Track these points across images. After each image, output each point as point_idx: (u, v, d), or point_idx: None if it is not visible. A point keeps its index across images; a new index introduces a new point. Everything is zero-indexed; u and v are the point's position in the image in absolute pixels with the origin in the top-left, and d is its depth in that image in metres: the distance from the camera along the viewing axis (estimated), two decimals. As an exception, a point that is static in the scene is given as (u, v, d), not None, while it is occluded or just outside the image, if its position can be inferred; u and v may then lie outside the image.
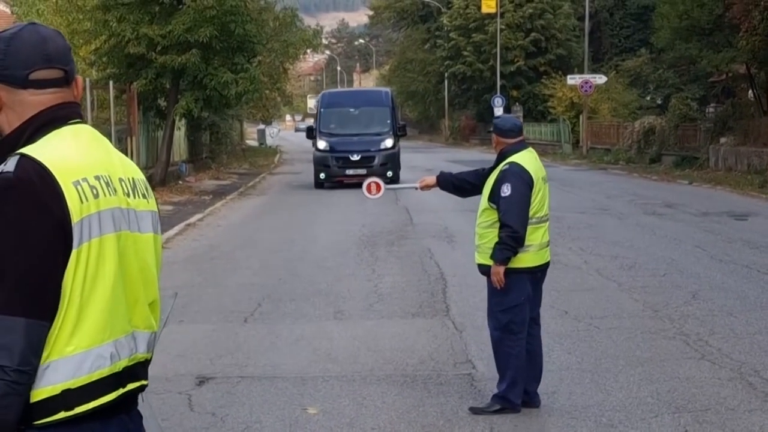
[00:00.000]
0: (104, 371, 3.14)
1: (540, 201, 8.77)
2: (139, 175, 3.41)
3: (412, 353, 10.90)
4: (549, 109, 65.90)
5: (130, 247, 3.25)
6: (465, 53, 78.94)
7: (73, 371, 3.07)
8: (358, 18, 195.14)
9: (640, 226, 22.56)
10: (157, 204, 3.46)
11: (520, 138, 8.95)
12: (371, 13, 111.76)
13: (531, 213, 8.68)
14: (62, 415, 3.06)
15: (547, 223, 8.93)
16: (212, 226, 24.70)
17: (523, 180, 8.64)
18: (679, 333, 11.71)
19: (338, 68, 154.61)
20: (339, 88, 49.70)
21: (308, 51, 48.31)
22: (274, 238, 21.15)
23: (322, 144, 36.10)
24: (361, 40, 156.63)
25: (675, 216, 24.90)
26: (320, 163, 35.84)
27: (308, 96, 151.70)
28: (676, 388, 9.42)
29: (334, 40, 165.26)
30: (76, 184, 3.07)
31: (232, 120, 59.05)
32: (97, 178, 3.15)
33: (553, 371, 10.02)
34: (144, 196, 3.37)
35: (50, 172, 3.03)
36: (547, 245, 8.92)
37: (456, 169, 10.95)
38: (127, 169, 3.34)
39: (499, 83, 72.94)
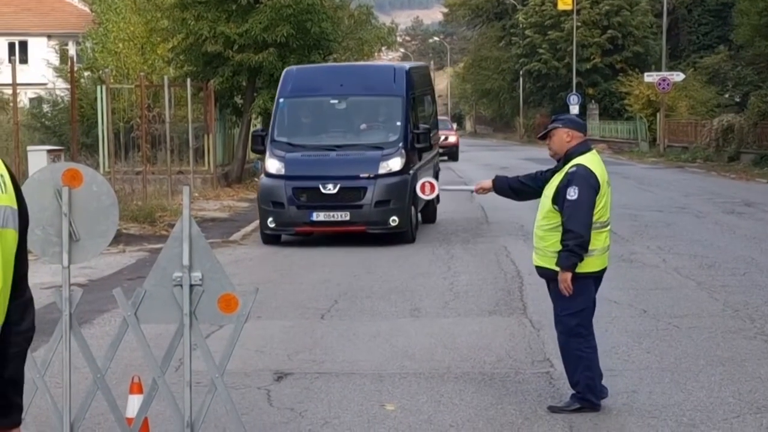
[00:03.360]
0: None
1: (604, 205, 8.65)
2: None
3: (489, 351, 10.86)
4: (625, 107, 65.38)
5: None
6: (540, 51, 78.57)
7: None
8: (433, 15, 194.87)
9: (719, 225, 22.31)
10: (17, 199, 3.52)
11: (586, 138, 8.87)
12: (446, 10, 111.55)
13: (595, 218, 8.55)
14: None
15: (610, 228, 8.81)
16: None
17: (590, 184, 8.52)
18: (759, 333, 11.56)
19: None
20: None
21: (383, 48, 48.30)
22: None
23: (273, 164, 20.03)
24: (436, 38, 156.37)
25: (755, 215, 24.59)
26: (267, 200, 19.97)
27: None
28: (757, 388, 9.30)
29: (408, 38, 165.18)
30: None
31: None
32: None
33: (632, 371, 9.93)
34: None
35: None
36: (608, 250, 8.80)
37: (533, 168, 10.89)
38: None
39: (574, 81, 72.52)
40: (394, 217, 19.30)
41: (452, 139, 53.42)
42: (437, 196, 20.93)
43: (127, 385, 7.68)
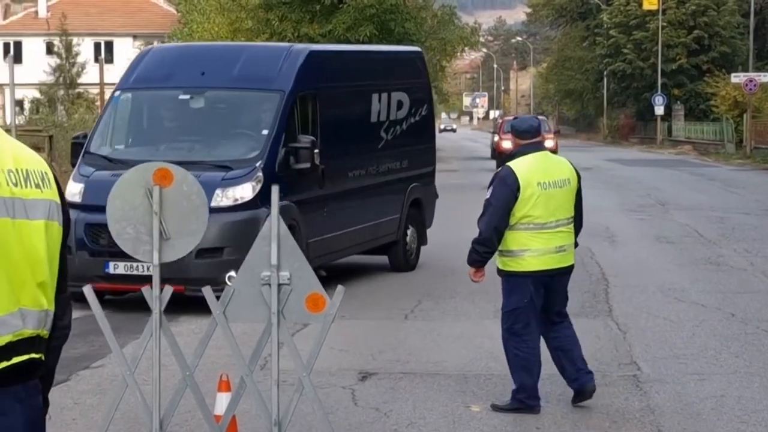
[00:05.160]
0: None
1: (540, 207, 8.61)
2: (37, 167, 3.60)
3: (575, 353, 10.78)
4: (711, 108, 64.60)
5: (11, 234, 3.46)
6: (625, 51, 77.93)
7: None
8: (516, 15, 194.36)
9: (808, 228, 21.98)
10: (58, 194, 3.64)
11: (536, 140, 8.88)
12: (529, 10, 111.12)
13: (527, 220, 8.58)
14: None
15: (558, 229, 8.71)
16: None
17: (506, 185, 8.60)
18: None
19: (495, 66, 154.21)
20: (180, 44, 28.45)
21: (465, 49, 48.26)
22: (433, 235, 21.14)
23: (72, 188, 14.00)
24: (519, 38, 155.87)
25: (844, 218, 24.20)
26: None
27: (464, 94, 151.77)
28: None
29: (490, 38, 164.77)
30: None
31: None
32: None
33: (720, 374, 9.82)
34: (38, 186, 3.56)
35: None
36: (558, 251, 8.73)
37: (617, 169, 10.78)
38: (20, 161, 3.55)
39: (660, 81, 71.83)
40: (232, 273, 12.08)
41: (549, 143, 47.11)
42: (424, 238, 17.29)
43: (214, 382, 7.75)
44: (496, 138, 43.42)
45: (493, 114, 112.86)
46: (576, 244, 9.05)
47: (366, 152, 15.90)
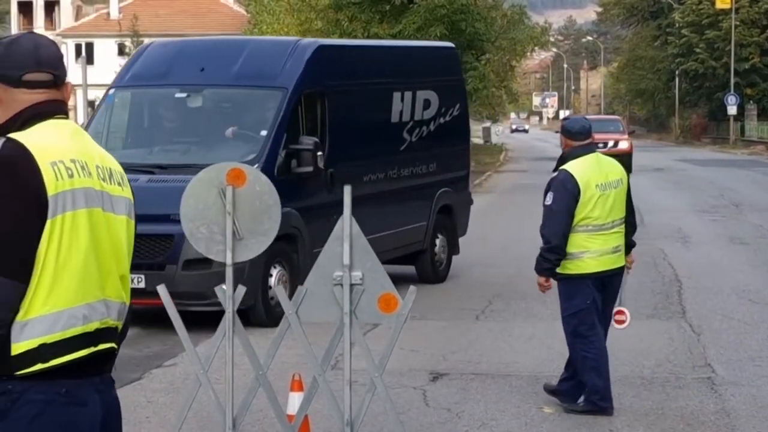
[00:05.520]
0: (77, 329, 3.51)
1: (599, 208, 8.62)
2: (117, 167, 3.79)
3: (648, 355, 10.69)
4: (785, 108, 63.80)
5: (102, 224, 3.63)
6: (697, 50, 77.17)
7: (48, 328, 3.45)
8: (586, 15, 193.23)
9: None
10: (132, 194, 3.82)
11: (588, 141, 8.85)
12: (600, 9, 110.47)
13: (587, 222, 8.59)
14: (39, 366, 3.44)
15: (614, 230, 8.74)
16: (441, 223, 24.79)
17: (566, 189, 8.57)
18: None
19: (565, 66, 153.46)
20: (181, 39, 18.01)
21: (535, 48, 48.08)
22: (501, 236, 21.09)
23: None
24: (589, 38, 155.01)
25: None
26: None
27: (533, 94, 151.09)
28: None
29: (560, 38, 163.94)
30: (53, 164, 3.49)
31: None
32: (72, 161, 3.56)
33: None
34: (119, 185, 3.75)
35: (30, 152, 3.46)
36: (614, 252, 8.75)
37: (690, 169, 10.67)
38: (104, 160, 3.74)
39: (732, 81, 71.05)
40: (224, 287, 10.83)
41: (624, 145, 41.25)
42: (456, 248, 16.14)
43: (284, 382, 7.76)
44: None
45: (563, 114, 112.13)
46: (633, 244, 9.09)
47: (385, 155, 14.81)
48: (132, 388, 9.77)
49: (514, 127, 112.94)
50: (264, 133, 12.84)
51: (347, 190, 6.82)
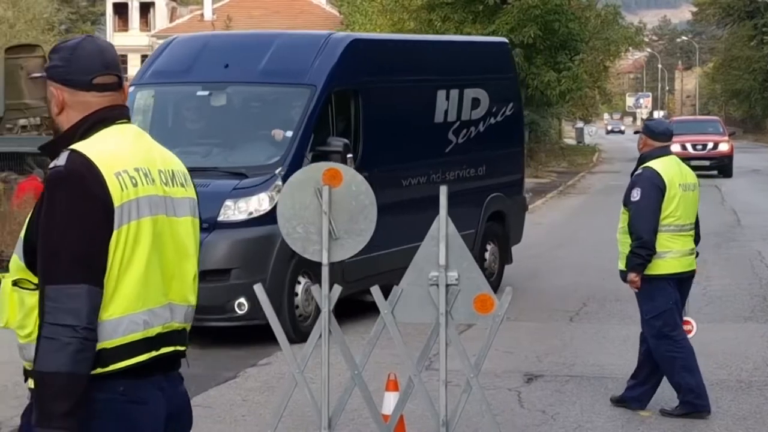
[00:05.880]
0: (137, 335, 3.60)
1: (681, 208, 8.65)
2: (179, 167, 3.86)
3: (746, 358, 10.55)
4: None
5: (166, 230, 3.70)
6: (794, 50, 75.94)
7: (109, 334, 3.54)
8: (681, 14, 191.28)
9: None
10: (195, 192, 3.90)
11: (669, 143, 8.89)
12: (695, 9, 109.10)
13: (670, 221, 8.58)
14: (98, 371, 3.52)
15: (690, 232, 8.79)
16: (533, 224, 24.60)
17: (654, 185, 8.56)
18: None
19: (659, 66, 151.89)
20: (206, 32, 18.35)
21: (629, 48, 47.66)
22: (596, 237, 20.91)
23: None
24: (684, 37, 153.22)
25: None
26: None
27: (627, 94, 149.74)
28: None
29: (655, 38, 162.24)
30: (118, 174, 3.57)
31: (552, 118, 58.88)
32: (136, 169, 3.64)
33: None
34: (182, 185, 3.82)
35: (95, 164, 3.54)
36: (691, 253, 8.79)
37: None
38: (166, 162, 3.81)
39: (830, 81, 69.77)
40: (242, 300, 11.19)
41: (724, 147, 38.60)
42: (508, 257, 15.13)
43: (378, 382, 7.77)
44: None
45: (657, 115, 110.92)
46: (697, 254, 9.05)
47: (427, 158, 13.71)
48: (227, 386, 9.86)
49: (609, 128, 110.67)
50: (289, 134, 11.98)
51: (443, 190, 6.84)
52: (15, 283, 3.60)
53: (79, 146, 3.60)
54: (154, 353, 3.66)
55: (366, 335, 10.70)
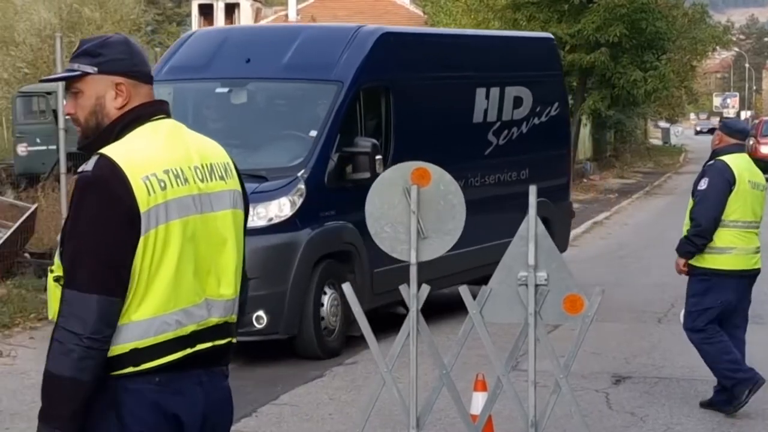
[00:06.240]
0: (169, 335, 3.63)
1: (748, 205, 8.63)
2: (219, 159, 3.87)
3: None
4: None
5: (200, 229, 3.71)
6: None
7: (140, 334, 3.59)
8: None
9: None
10: (240, 182, 3.92)
11: (743, 142, 8.96)
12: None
13: (736, 216, 8.57)
14: (130, 369, 3.60)
15: (756, 230, 8.76)
16: (619, 224, 24.54)
17: (722, 177, 8.55)
18: None
19: (746, 65, 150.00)
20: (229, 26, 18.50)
21: (716, 48, 47.10)
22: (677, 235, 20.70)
23: None
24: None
25: None
26: None
27: (714, 94, 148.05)
28: None
29: (742, 37, 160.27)
30: (145, 178, 3.57)
31: (637, 118, 58.40)
32: (165, 171, 3.63)
33: None
34: (222, 178, 3.83)
35: (122, 170, 3.55)
36: (756, 252, 8.75)
37: None
38: (205, 156, 3.81)
39: None
40: (260, 313, 10.49)
41: None
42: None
43: (465, 381, 7.75)
44: (751, 141, 40.25)
45: (744, 115, 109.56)
46: None
47: (465, 160, 12.66)
48: (314, 385, 9.90)
49: (699, 128, 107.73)
50: (314, 133, 11.17)
51: (533, 190, 6.79)
52: (56, 280, 3.67)
53: (108, 150, 3.62)
54: (188, 350, 3.69)
55: (452, 335, 10.70)
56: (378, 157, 11.12)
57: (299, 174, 10.78)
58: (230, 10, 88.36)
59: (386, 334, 9.74)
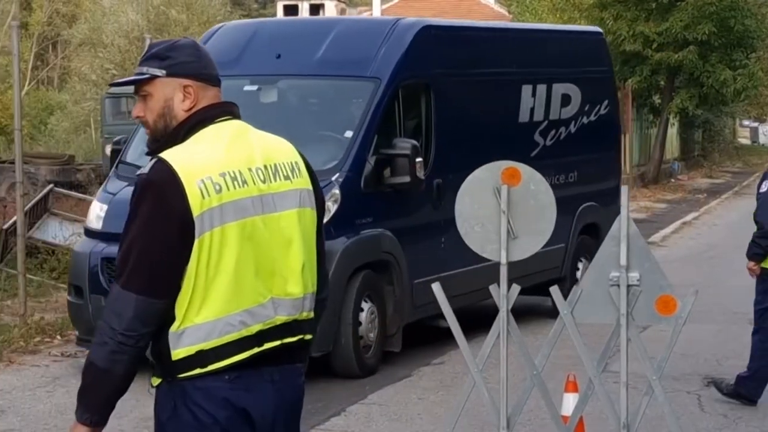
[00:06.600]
0: (233, 335, 3.67)
1: None
2: (286, 158, 3.88)
3: None
4: None
5: (260, 230, 3.71)
6: None
7: (204, 336, 3.64)
8: None
9: None
10: (310, 181, 3.91)
11: None
12: None
13: None
14: (198, 371, 3.65)
15: None
16: (708, 224, 24.26)
17: None
18: None
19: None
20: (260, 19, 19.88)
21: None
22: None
23: (94, 210, 10.88)
24: None
25: None
26: (70, 282, 10.90)
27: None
28: None
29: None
30: (200, 182, 3.61)
31: (725, 117, 57.69)
32: (222, 174, 3.66)
33: None
34: (287, 178, 3.83)
35: (176, 173, 3.60)
36: None
37: None
38: (270, 156, 3.83)
39: None
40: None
41: None
42: None
43: (554, 382, 7.69)
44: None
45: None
46: None
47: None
48: (403, 385, 9.91)
49: None
50: (349, 134, 10.49)
51: (624, 190, 6.73)
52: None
53: (166, 154, 3.68)
54: (256, 350, 3.73)
55: (540, 336, 10.65)
56: (418, 159, 10.43)
57: (333, 178, 10.12)
58: (315, 10, 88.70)
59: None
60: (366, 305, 10.26)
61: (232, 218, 3.66)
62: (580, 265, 12.96)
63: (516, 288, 6.89)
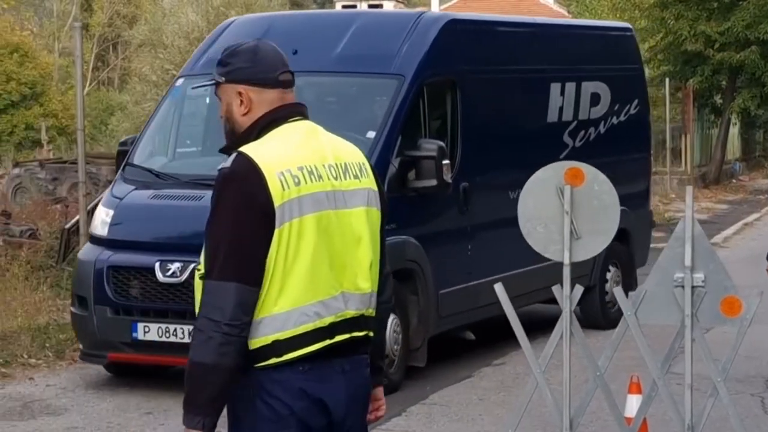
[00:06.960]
0: (308, 326, 3.75)
1: None
2: (354, 159, 3.99)
3: None
4: None
5: (334, 224, 3.82)
6: None
7: (280, 326, 3.72)
8: None
9: None
10: (376, 182, 4.02)
11: None
12: None
13: None
14: (273, 360, 3.73)
15: None
16: (772, 227, 24.02)
17: None
18: None
19: None
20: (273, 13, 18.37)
21: None
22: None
23: (99, 215, 10.22)
24: None
25: None
26: (74, 292, 10.22)
27: None
28: None
29: None
30: (280, 174, 3.72)
31: (788, 118, 57.09)
32: (300, 168, 3.77)
33: None
34: (356, 177, 3.94)
35: (258, 166, 3.71)
36: None
37: None
38: (339, 156, 3.94)
39: None
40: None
41: None
42: (633, 283, 12.17)
43: (616, 384, 7.65)
44: None
45: None
46: None
47: (539, 164, 9.68)
48: (463, 385, 9.90)
49: None
50: (371, 134, 9.90)
51: (689, 191, 6.68)
52: (201, 278, 3.80)
53: (246, 148, 3.80)
54: (328, 341, 3.81)
55: (601, 337, 10.60)
56: (445, 161, 9.85)
57: None
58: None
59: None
60: (392, 317, 9.43)
61: (309, 210, 3.77)
62: (610, 272, 12.41)
63: (579, 288, 6.87)
